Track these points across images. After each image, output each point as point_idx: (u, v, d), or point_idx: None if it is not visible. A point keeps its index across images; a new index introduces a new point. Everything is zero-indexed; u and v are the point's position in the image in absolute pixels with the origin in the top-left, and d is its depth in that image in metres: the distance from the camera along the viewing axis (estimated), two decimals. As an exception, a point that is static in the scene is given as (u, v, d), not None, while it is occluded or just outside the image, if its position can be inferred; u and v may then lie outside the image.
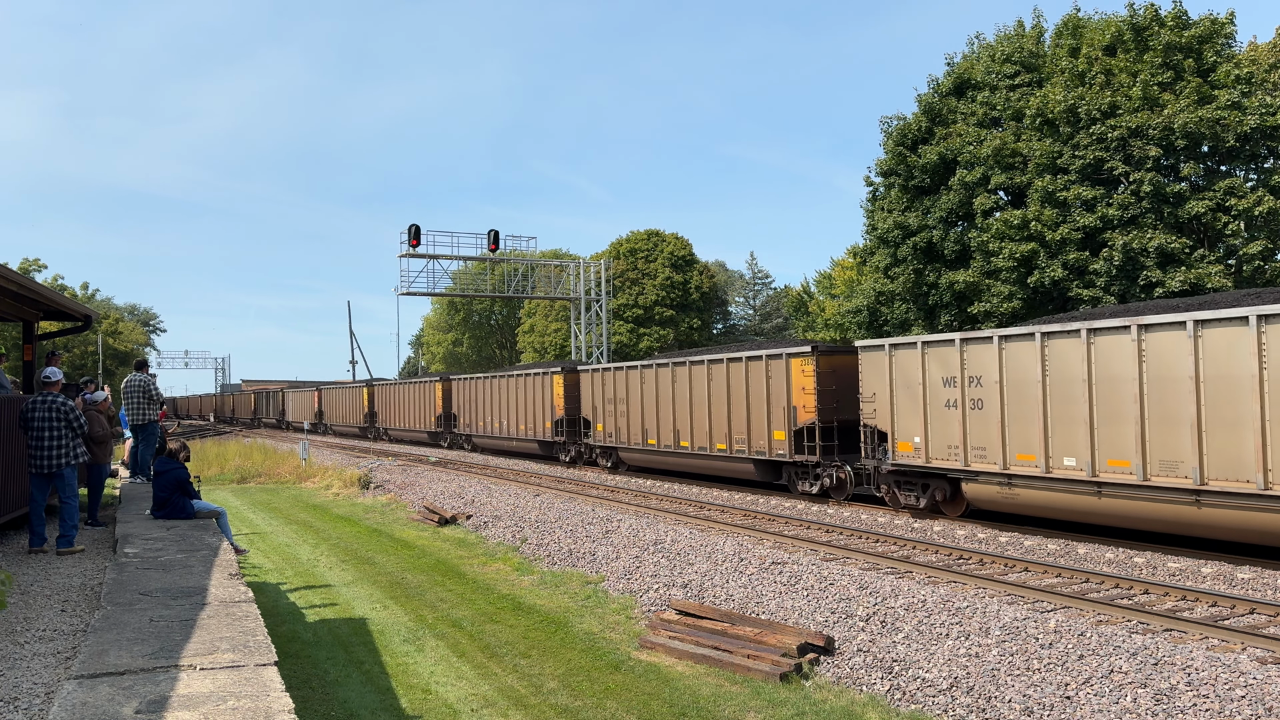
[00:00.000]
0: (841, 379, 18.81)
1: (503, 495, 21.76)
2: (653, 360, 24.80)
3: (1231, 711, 7.33)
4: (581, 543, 16.14)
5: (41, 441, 10.08)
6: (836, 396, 18.82)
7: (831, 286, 52.63)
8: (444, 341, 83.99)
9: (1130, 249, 24.87)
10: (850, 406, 18.39)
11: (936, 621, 9.91)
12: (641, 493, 21.73)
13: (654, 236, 59.22)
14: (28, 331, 14.85)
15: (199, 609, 6.72)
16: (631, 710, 8.90)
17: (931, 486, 16.22)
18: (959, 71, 32.40)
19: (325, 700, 9.12)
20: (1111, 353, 13.13)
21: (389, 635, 11.64)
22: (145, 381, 15.62)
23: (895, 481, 16.91)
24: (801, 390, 19.19)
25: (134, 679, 5.11)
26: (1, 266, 10.26)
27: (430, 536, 19.22)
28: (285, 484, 31.27)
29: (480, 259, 46.21)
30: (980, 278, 28.95)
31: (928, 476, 16.29)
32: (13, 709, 5.34)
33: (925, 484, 16.38)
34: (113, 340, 70.73)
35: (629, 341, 55.50)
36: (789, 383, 19.52)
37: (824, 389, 18.83)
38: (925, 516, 16.48)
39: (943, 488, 16.04)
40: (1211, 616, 9.77)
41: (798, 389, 19.32)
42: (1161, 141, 24.95)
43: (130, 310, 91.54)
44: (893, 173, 32.86)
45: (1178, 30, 25.90)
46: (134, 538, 10.08)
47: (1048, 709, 8.05)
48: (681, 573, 13.40)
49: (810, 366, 18.99)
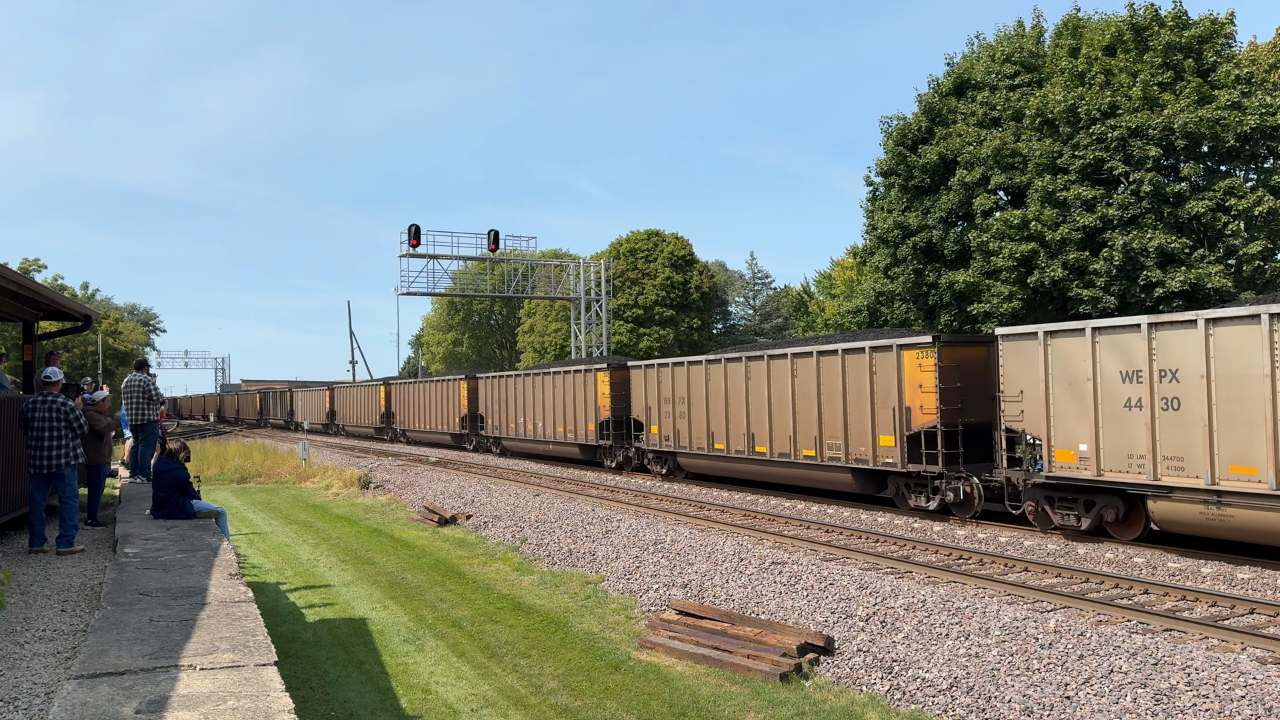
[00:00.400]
0: (968, 375, 16.24)
1: (502, 495, 21.76)
2: (721, 354, 22.32)
3: (1231, 711, 7.33)
4: (581, 543, 16.14)
5: (41, 441, 10.09)
6: (961, 395, 16.10)
7: (831, 286, 52.67)
8: (444, 341, 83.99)
9: (1130, 249, 24.87)
10: (978, 407, 16.01)
11: (936, 621, 9.91)
12: (641, 493, 21.72)
13: (654, 236, 59.23)
14: (28, 331, 14.84)
15: (199, 609, 6.72)
16: (631, 710, 8.90)
17: (1099, 504, 13.59)
18: (959, 71, 32.41)
19: (325, 700, 9.12)
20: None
21: (389, 635, 11.64)
22: (145, 381, 15.62)
23: (1047, 497, 14.30)
24: (918, 388, 16.40)
25: (134, 679, 5.11)
26: (1, 266, 10.26)
27: (430, 536, 19.22)
28: (285, 484, 31.27)
29: (480, 259, 46.23)
30: (980, 278, 28.96)
31: (1094, 492, 13.66)
32: (13, 709, 5.34)
33: (1090, 501, 13.79)
34: (113, 340, 70.70)
35: (629, 341, 55.49)
36: (901, 379, 16.76)
37: (947, 386, 16.02)
38: (1086, 540, 13.92)
39: (1115, 505, 13.41)
40: (1211, 616, 9.76)
41: (912, 386, 16.54)
42: (1161, 141, 24.96)
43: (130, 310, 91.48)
44: (893, 173, 32.88)
45: (1178, 30, 25.91)
46: (134, 538, 10.08)
47: (1048, 709, 8.05)
48: (681, 573, 13.40)
49: (930, 360, 16.18)
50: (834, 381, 18.24)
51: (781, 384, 19.66)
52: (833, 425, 18.24)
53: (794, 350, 19.49)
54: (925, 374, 16.34)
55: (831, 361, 18.37)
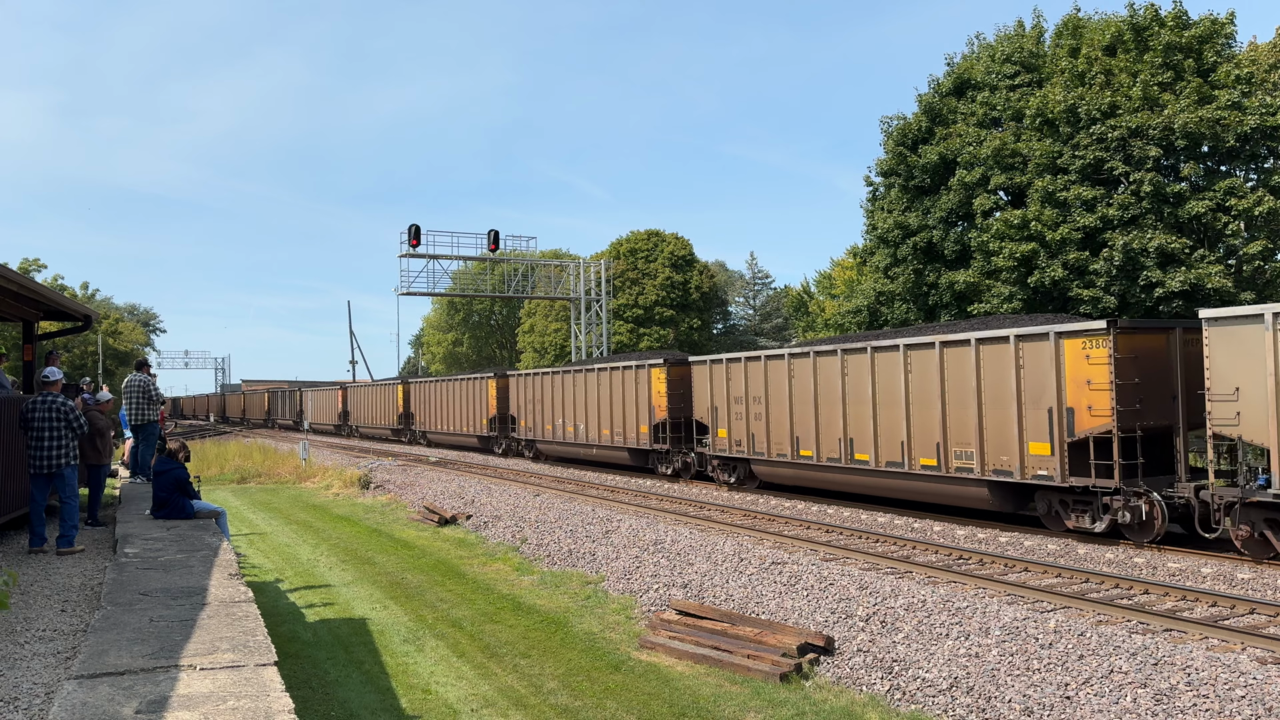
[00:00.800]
0: (1147, 368, 13.61)
1: (502, 495, 21.76)
2: (808, 346, 20.17)
3: (1231, 711, 7.33)
4: (581, 543, 16.14)
5: (41, 442, 10.09)
6: (1140, 392, 13.47)
7: (831, 286, 52.66)
8: (444, 341, 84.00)
9: (1130, 249, 24.87)
10: (1159, 408, 13.60)
11: (936, 621, 9.91)
12: (642, 493, 21.71)
13: (654, 236, 59.24)
14: (28, 331, 14.84)
15: (199, 609, 6.72)
16: (631, 710, 8.90)
17: None
18: (959, 71, 32.42)
19: (325, 700, 9.12)
20: None
21: (389, 635, 11.64)
22: (145, 382, 15.63)
23: (1269, 520, 11.88)
24: (1085, 385, 13.78)
25: (134, 679, 5.11)
26: (1, 266, 10.27)
27: (430, 536, 19.22)
28: (285, 484, 31.27)
29: (480, 259, 46.24)
30: (980, 278, 28.96)
31: None
32: (13, 709, 5.34)
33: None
34: (113, 340, 70.70)
35: (629, 341, 55.49)
36: (1060, 374, 14.18)
37: (1124, 382, 13.39)
38: None
39: None
40: (1211, 616, 9.76)
41: (1076, 382, 13.98)
42: (1161, 141, 24.96)
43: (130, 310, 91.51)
44: (893, 173, 32.89)
45: (1178, 30, 25.91)
46: (134, 538, 10.08)
47: (1048, 709, 8.05)
48: (681, 573, 13.40)
49: (1103, 350, 13.56)
50: (962, 377, 15.71)
51: (890, 382, 17.13)
52: (962, 430, 15.72)
53: (906, 341, 16.98)
54: (1095, 368, 13.73)
55: (960, 354, 15.76)
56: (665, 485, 23.74)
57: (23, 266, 60.74)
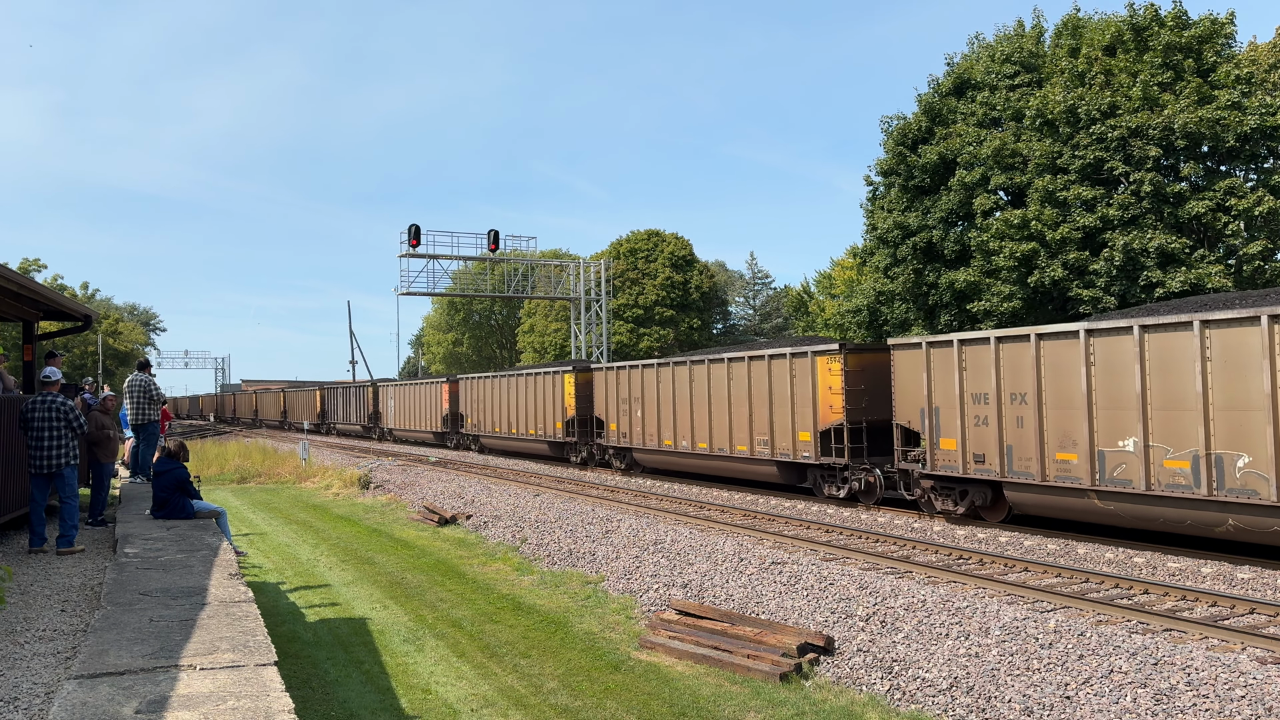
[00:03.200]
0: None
1: (502, 495, 21.76)
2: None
3: (1231, 711, 7.33)
4: (581, 543, 16.14)
5: (41, 442, 10.09)
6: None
7: (831, 286, 52.66)
8: (444, 341, 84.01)
9: (1130, 249, 24.88)
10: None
11: (936, 621, 9.91)
12: (641, 492, 21.71)
13: (654, 236, 59.24)
14: (28, 331, 14.84)
15: (199, 609, 6.72)
16: (631, 710, 8.90)
17: None
18: (959, 71, 32.43)
19: (325, 700, 9.12)
20: None
21: (389, 635, 11.64)
22: (146, 381, 15.64)
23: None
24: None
25: (134, 679, 5.11)
26: (1, 266, 10.27)
27: (430, 536, 19.22)
28: (285, 484, 31.27)
29: (480, 259, 46.24)
30: (980, 277, 28.96)
31: None
32: (13, 709, 5.34)
33: None
34: (113, 340, 70.69)
35: (629, 341, 55.51)
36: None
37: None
38: None
39: None
40: (1211, 616, 9.76)
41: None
42: (1161, 141, 24.96)
43: (130, 310, 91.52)
44: (893, 173, 32.89)
45: (1178, 30, 25.91)
46: (134, 538, 10.08)
47: (1048, 709, 8.05)
48: (681, 573, 13.40)
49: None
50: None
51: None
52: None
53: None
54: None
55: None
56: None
57: (23, 266, 60.74)
